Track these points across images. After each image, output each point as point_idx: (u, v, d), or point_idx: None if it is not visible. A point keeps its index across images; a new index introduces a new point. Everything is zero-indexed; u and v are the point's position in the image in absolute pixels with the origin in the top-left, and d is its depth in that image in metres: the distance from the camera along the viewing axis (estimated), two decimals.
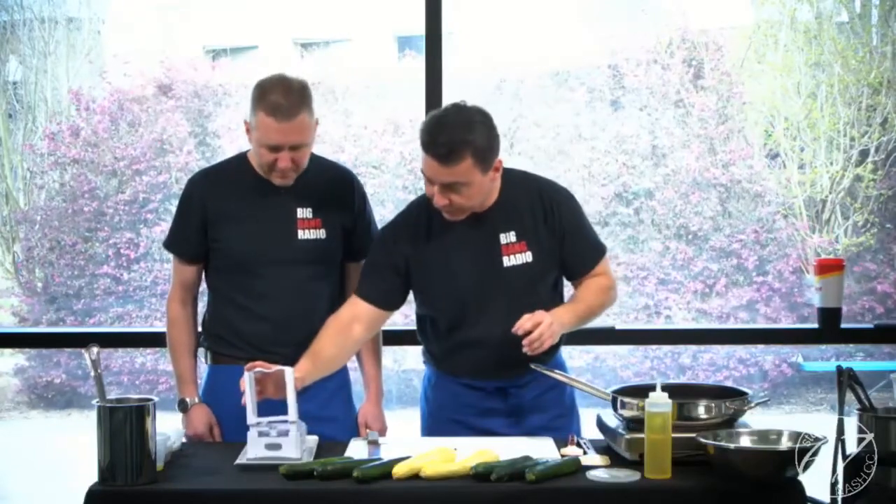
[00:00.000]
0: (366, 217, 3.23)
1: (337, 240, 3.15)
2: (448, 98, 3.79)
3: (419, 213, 3.07)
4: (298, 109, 2.96)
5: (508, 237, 3.00)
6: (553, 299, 3.05)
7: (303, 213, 3.11)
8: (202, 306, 3.25)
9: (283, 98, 2.94)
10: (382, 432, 3.16)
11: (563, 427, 3.02)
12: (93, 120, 10.76)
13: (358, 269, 3.16)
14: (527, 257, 3.00)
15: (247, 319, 3.10)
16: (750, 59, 11.04)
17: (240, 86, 10.74)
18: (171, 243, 3.19)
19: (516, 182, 3.06)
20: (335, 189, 3.17)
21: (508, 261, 2.99)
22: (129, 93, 10.79)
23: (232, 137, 10.39)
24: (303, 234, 3.10)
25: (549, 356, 3.07)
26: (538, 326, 2.83)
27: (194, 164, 10.46)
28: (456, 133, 2.83)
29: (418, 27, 3.73)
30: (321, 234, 3.12)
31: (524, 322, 2.84)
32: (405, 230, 3.06)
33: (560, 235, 3.02)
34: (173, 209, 3.24)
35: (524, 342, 2.83)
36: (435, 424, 3.15)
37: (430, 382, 3.19)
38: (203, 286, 3.23)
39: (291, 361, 3.01)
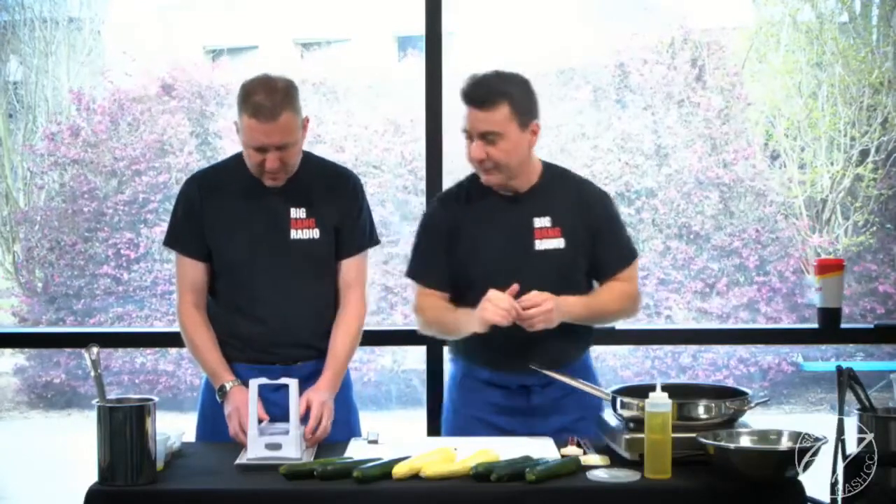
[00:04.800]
0: (356, 213, 3.17)
1: (331, 239, 3.13)
2: (448, 98, 3.80)
3: (460, 187, 3.15)
4: (281, 109, 2.95)
5: (543, 221, 3.04)
6: (581, 290, 3.06)
7: (296, 213, 3.10)
8: None
9: (265, 99, 2.95)
10: (325, 425, 2.95)
11: (584, 430, 3.01)
12: (93, 120, 10.76)
13: (347, 267, 3.14)
14: (559, 243, 3.03)
15: (245, 322, 3.09)
16: (751, 59, 11.05)
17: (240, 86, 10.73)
18: (175, 241, 3.14)
19: (557, 174, 3.12)
20: (330, 189, 3.15)
21: (540, 244, 3.03)
22: (130, 93, 10.79)
23: (233, 138, 10.36)
24: (296, 234, 3.09)
25: (576, 357, 3.10)
26: (536, 307, 2.85)
27: (195, 165, 10.44)
28: (494, 83, 2.97)
29: (418, 27, 3.72)
30: (314, 233, 3.10)
31: (527, 298, 2.86)
32: (448, 202, 3.14)
33: (594, 232, 3.05)
34: None
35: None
36: (456, 422, 3.15)
37: (455, 381, 3.20)
38: None
39: (292, 361, 3.07)
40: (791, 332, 4.66)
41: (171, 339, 4.90)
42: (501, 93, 2.94)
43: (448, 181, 3.34)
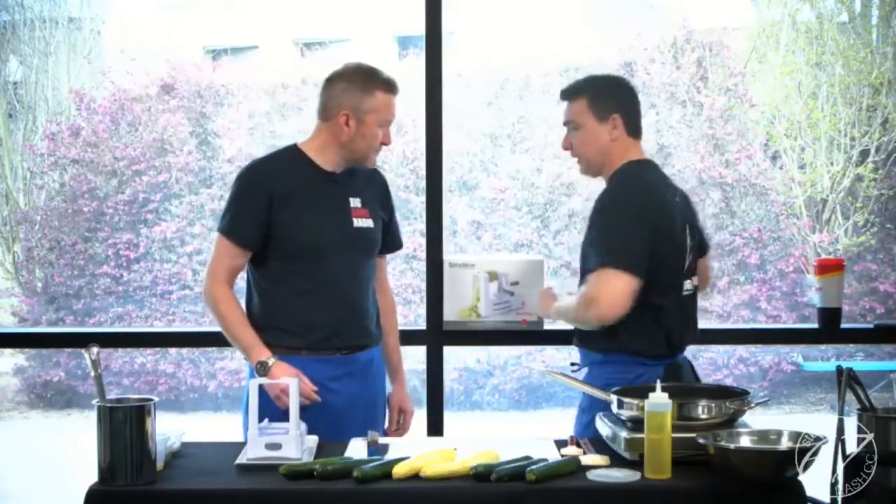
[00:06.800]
0: (394, 210, 3.36)
1: (380, 230, 3.25)
2: (448, 98, 3.81)
3: None
4: None
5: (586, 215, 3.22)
6: None
7: (354, 202, 3.18)
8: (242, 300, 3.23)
9: (390, 77, 3.17)
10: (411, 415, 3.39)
11: None
12: (93, 120, 10.76)
13: (383, 263, 3.34)
14: (581, 238, 3.17)
15: (312, 306, 3.11)
16: (751, 59, 11.05)
17: (241, 86, 10.74)
18: (231, 229, 3.11)
19: (614, 176, 3.17)
20: (373, 183, 3.27)
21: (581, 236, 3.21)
22: (130, 93, 10.80)
23: (232, 137, 10.39)
24: (357, 223, 3.17)
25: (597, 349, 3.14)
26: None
27: (195, 165, 10.45)
28: (579, 80, 3.23)
29: (418, 27, 3.73)
30: (370, 223, 3.20)
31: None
32: None
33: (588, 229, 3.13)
34: (174, 209, 3.25)
35: None
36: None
37: None
38: (241, 283, 3.24)
39: (353, 349, 3.16)
40: (791, 332, 4.65)
41: (171, 339, 4.90)
42: (583, 87, 3.16)
43: (448, 180, 3.38)
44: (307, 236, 3.11)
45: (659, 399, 2.59)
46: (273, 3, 11.63)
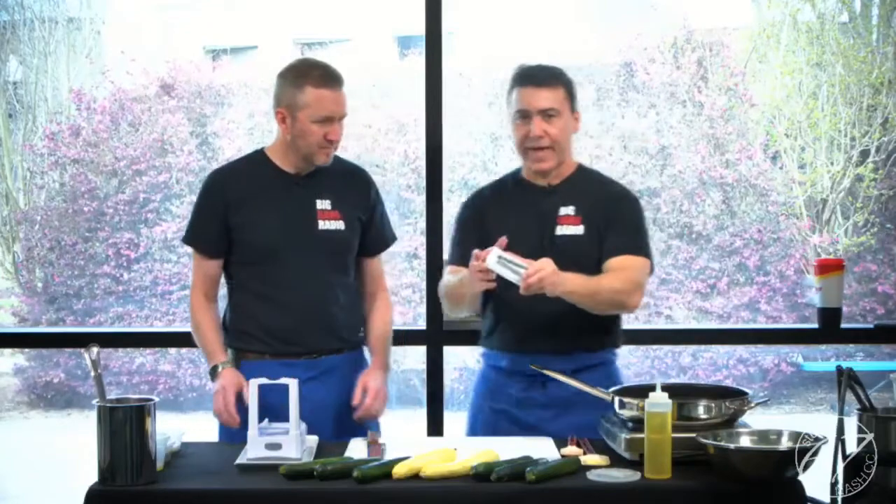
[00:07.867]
0: (380, 213, 3.29)
1: (354, 232, 3.20)
2: (448, 97, 3.81)
3: (506, 180, 3.28)
4: (342, 80, 3.11)
5: (567, 210, 3.12)
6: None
7: (322, 204, 3.15)
8: (222, 305, 3.25)
9: (328, 70, 3.10)
10: (379, 409, 3.14)
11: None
12: (93, 120, 10.76)
13: (373, 264, 3.27)
14: (578, 230, 3.10)
15: (271, 310, 3.12)
16: (751, 59, 11.05)
17: (241, 86, 10.74)
18: (191, 238, 3.20)
19: (593, 174, 3.24)
20: (351, 184, 3.24)
21: (561, 230, 3.10)
22: (130, 93, 10.80)
23: (232, 137, 10.38)
24: (323, 225, 3.14)
25: (594, 348, 3.14)
26: (539, 272, 2.85)
27: (195, 165, 10.45)
28: (551, 68, 3.23)
29: (418, 27, 3.73)
30: (340, 225, 3.16)
31: (532, 268, 2.86)
32: (490, 193, 3.27)
33: (608, 223, 3.09)
34: (174, 209, 3.27)
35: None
36: (478, 416, 3.20)
37: (480, 375, 3.25)
38: (223, 290, 3.24)
39: (319, 353, 3.12)
40: (791, 332, 4.66)
41: (171, 339, 4.89)
42: (559, 75, 3.17)
43: (448, 180, 3.38)
44: (265, 239, 3.11)
45: (659, 399, 2.59)
46: (273, 3, 11.62)
